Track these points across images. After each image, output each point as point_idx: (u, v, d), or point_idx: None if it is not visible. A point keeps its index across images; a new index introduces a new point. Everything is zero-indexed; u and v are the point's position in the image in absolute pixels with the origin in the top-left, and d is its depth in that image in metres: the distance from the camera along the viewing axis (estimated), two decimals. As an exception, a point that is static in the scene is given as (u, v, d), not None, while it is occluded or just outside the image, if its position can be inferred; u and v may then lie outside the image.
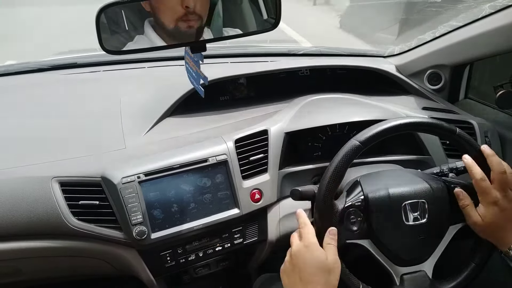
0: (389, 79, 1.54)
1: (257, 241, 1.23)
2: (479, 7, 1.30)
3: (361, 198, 1.00)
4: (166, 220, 1.11)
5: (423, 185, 1.01)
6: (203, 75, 1.03)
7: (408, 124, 1.02)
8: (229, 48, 1.77)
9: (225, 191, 1.16)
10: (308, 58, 1.71)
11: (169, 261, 1.15)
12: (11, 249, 1.10)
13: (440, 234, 1.01)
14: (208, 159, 1.15)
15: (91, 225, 1.08)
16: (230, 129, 1.25)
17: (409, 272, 0.99)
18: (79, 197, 1.09)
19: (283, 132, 1.24)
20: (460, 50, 1.38)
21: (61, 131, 1.25)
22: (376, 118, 1.24)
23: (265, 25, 1.42)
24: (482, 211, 0.96)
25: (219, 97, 1.52)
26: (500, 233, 0.96)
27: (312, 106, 1.34)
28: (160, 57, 1.62)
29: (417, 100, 1.47)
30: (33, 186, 1.09)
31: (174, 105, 1.32)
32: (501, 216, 0.95)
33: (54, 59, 1.72)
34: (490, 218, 0.95)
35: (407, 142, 1.31)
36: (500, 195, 0.95)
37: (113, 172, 1.09)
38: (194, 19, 1.17)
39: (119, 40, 1.23)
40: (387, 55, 1.65)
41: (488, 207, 0.96)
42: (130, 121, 1.27)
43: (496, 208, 0.95)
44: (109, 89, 1.46)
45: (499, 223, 0.95)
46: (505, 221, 0.95)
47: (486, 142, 1.31)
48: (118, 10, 1.24)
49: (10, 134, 1.24)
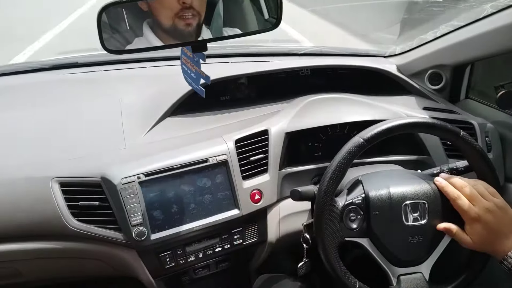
0: (390, 79, 1.53)
1: (257, 242, 1.23)
2: (480, 7, 1.30)
3: (362, 196, 1.00)
4: (166, 221, 1.11)
5: (424, 185, 1.01)
6: (204, 75, 1.02)
7: (412, 124, 1.02)
8: (229, 48, 1.76)
9: (225, 192, 1.16)
10: (309, 58, 1.70)
11: (169, 262, 1.15)
12: (10, 251, 1.10)
13: (439, 236, 1.01)
14: (208, 159, 1.15)
15: (91, 226, 1.08)
16: (231, 129, 1.25)
17: (406, 273, 0.99)
18: (79, 197, 1.09)
19: (284, 132, 1.23)
20: (461, 50, 1.38)
21: (61, 131, 1.24)
22: (377, 118, 1.24)
23: (266, 24, 1.42)
24: (469, 230, 0.96)
25: (220, 97, 1.51)
26: (492, 246, 0.96)
27: (312, 106, 1.33)
28: (161, 56, 1.62)
29: (418, 100, 1.47)
30: (32, 187, 1.09)
31: (174, 105, 1.32)
32: (487, 230, 0.95)
33: (55, 58, 1.72)
34: (479, 235, 0.95)
35: (408, 143, 1.30)
36: (478, 208, 0.95)
37: (113, 172, 1.09)
38: (191, 15, 1.16)
39: (120, 40, 1.23)
40: (388, 55, 1.64)
41: (472, 224, 0.96)
42: (130, 121, 1.27)
43: (479, 224, 0.95)
44: (109, 89, 1.46)
45: (488, 237, 0.95)
46: (492, 234, 0.95)
47: (487, 142, 1.31)
48: (120, 10, 1.24)
49: (10, 133, 1.23)
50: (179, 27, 1.15)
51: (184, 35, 1.18)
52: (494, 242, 0.95)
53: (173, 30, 1.16)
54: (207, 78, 1.02)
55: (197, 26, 1.18)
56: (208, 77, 1.02)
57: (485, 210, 0.94)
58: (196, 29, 1.18)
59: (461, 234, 0.97)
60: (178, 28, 1.15)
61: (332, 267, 0.98)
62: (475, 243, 0.96)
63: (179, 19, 1.14)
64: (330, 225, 0.98)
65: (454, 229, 0.97)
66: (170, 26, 1.16)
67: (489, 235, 0.95)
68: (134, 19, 1.28)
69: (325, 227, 0.97)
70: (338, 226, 0.98)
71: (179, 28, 1.15)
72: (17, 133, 1.24)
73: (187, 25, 1.15)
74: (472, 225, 0.95)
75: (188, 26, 1.15)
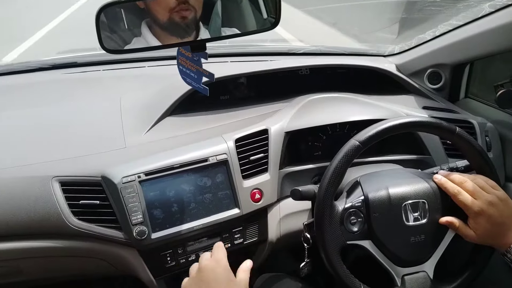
0: (390, 78, 1.53)
1: (257, 241, 1.23)
2: (479, 6, 1.30)
3: (361, 199, 1.00)
4: (167, 220, 1.11)
5: (423, 185, 1.01)
6: (207, 73, 1.02)
7: (408, 124, 1.01)
8: (229, 48, 1.77)
9: (225, 191, 1.16)
10: (308, 57, 1.70)
11: (169, 261, 1.15)
12: (11, 249, 1.10)
13: (440, 234, 1.01)
14: (208, 158, 1.15)
15: (92, 225, 1.08)
16: (230, 129, 1.25)
17: (410, 272, 0.99)
18: (79, 196, 1.09)
19: (284, 132, 1.23)
20: (461, 49, 1.38)
21: (62, 130, 1.24)
22: (376, 117, 1.24)
23: (265, 24, 1.42)
24: (472, 224, 0.97)
25: (219, 97, 1.51)
26: (495, 238, 0.96)
27: (312, 105, 1.34)
28: (160, 56, 1.62)
29: (417, 99, 1.47)
30: (33, 186, 1.09)
31: (174, 104, 1.32)
32: (491, 223, 0.95)
33: (54, 58, 1.72)
34: (482, 229, 0.96)
35: (407, 142, 1.31)
36: (481, 202, 0.95)
37: (113, 171, 1.09)
38: (187, 9, 1.17)
39: (119, 40, 1.23)
40: (387, 54, 1.64)
41: (476, 218, 0.96)
42: (130, 121, 1.27)
43: (483, 218, 0.95)
44: (109, 89, 1.46)
45: (491, 230, 0.96)
46: (496, 227, 0.95)
47: (486, 142, 1.31)
48: (118, 10, 1.24)
49: (10, 133, 1.23)
50: (176, 20, 1.15)
51: (181, 30, 1.18)
52: (497, 234, 0.96)
53: (170, 25, 1.17)
54: (211, 76, 1.02)
55: (193, 21, 1.18)
56: (212, 75, 1.02)
57: (488, 203, 0.95)
58: (193, 23, 1.19)
59: (464, 228, 0.98)
60: (174, 21, 1.16)
61: (335, 271, 0.98)
62: (479, 237, 0.97)
63: (175, 13, 1.15)
64: (331, 229, 0.98)
65: (457, 223, 0.98)
66: (167, 21, 1.16)
67: (493, 228, 0.95)
68: (132, 19, 1.28)
69: (326, 232, 0.97)
70: (339, 229, 0.98)
71: (175, 22, 1.15)
72: (17, 132, 1.24)
73: (182, 18, 1.16)
74: (476, 219, 0.96)
75: (184, 19, 1.16)
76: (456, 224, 0.98)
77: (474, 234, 0.97)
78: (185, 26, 1.18)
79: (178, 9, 1.16)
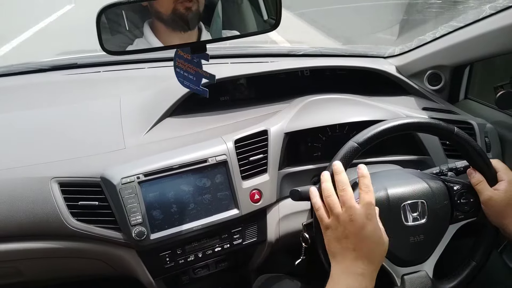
0: (389, 80, 1.54)
1: (256, 242, 1.23)
2: (479, 8, 1.30)
3: None
4: (166, 220, 1.11)
5: (422, 185, 1.01)
6: (207, 74, 1.03)
7: (406, 125, 1.01)
8: (229, 49, 1.77)
9: (225, 192, 1.16)
10: (308, 59, 1.70)
11: (168, 262, 1.15)
12: (10, 250, 1.10)
13: (440, 234, 1.01)
14: (208, 159, 1.15)
15: (91, 226, 1.08)
16: (230, 130, 1.25)
17: (409, 272, 0.99)
18: (78, 197, 1.09)
19: (283, 133, 1.24)
20: (460, 50, 1.38)
21: (61, 131, 1.25)
22: (376, 118, 1.24)
23: (265, 25, 1.42)
24: (498, 186, 0.98)
25: (219, 98, 1.52)
26: (509, 217, 0.97)
27: (312, 106, 1.34)
28: (160, 57, 1.62)
29: (417, 100, 1.47)
30: (32, 187, 1.09)
31: (174, 106, 1.32)
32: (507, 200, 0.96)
33: (55, 59, 1.72)
34: (504, 192, 0.97)
35: (407, 142, 1.31)
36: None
37: (112, 172, 1.09)
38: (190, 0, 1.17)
39: (120, 41, 1.23)
40: (387, 55, 1.64)
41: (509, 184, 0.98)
42: (130, 122, 1.27)
43: (505, 191, 0.97)
44: (109, 90, 1.46)
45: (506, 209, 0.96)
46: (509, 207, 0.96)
47: (486, 143, 1.31)
48: (119, 11, 1.24)
49: (9, 134, 1.24)
50: (180, 11, 1.15)
51: (185, 21, 1.18)
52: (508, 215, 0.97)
53: (174, 18, 1.16)
54: (212, 77, 1.02)
55: (197, 14, 1.18)
56: (213, 76, 1.02)
57: None
58: (196, 17, 1.19)
59: (486, 186, 1.00)
60: (179, 12, 1.15)
61: None
62: (495, 202, 0.98)
63: (179, 4, 1.15)
64: None
65: (482, 179, 1.00)
66: (171, 13, 1.16)
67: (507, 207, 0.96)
68: (134, 20, 1.28)
69: None
70: None
71: (180, 12, 1.15)
72: (16, 133, 1.24)
73: (187, 9, 1.15)
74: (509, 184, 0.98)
75: (188, 10, 1.16)
76: (480, 179, 1.00)
77: (494, 196, 0.98)
78: (189, 18, 1.19)
79: (182, 0, 1.16)
